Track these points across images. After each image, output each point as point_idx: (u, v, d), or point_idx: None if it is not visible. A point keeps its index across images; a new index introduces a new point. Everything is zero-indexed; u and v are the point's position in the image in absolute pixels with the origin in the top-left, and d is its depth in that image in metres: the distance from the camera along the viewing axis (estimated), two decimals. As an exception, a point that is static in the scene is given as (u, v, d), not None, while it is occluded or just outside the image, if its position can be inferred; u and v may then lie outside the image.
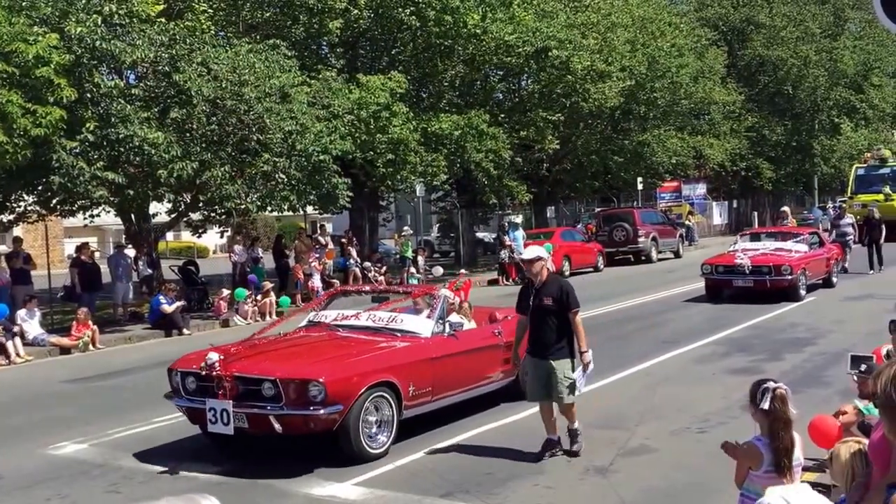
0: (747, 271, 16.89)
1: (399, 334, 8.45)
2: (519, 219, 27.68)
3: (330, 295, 10.44)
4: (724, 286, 17.51)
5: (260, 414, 7.23)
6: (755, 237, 19.89)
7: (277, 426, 7.20)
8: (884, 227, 22.28)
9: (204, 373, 7.44)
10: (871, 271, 21.41)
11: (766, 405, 4.27)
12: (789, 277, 16.57)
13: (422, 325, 8.59)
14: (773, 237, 19.27)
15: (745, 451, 4.39)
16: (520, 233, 25.44)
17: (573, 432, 7.58)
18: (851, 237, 22.14)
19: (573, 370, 7.39)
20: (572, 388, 7.38)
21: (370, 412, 7.52)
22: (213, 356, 7.44)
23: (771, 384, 4.36)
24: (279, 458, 7.75)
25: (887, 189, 31.98)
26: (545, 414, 7.51)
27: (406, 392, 7.77)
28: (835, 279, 18.99)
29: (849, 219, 22.84)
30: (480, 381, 8.94)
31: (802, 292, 16.95)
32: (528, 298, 7.52)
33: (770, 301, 16.33)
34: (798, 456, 4.36)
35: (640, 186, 37.30)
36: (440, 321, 8.59)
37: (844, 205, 26.25)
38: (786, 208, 27.27)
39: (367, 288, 11.37)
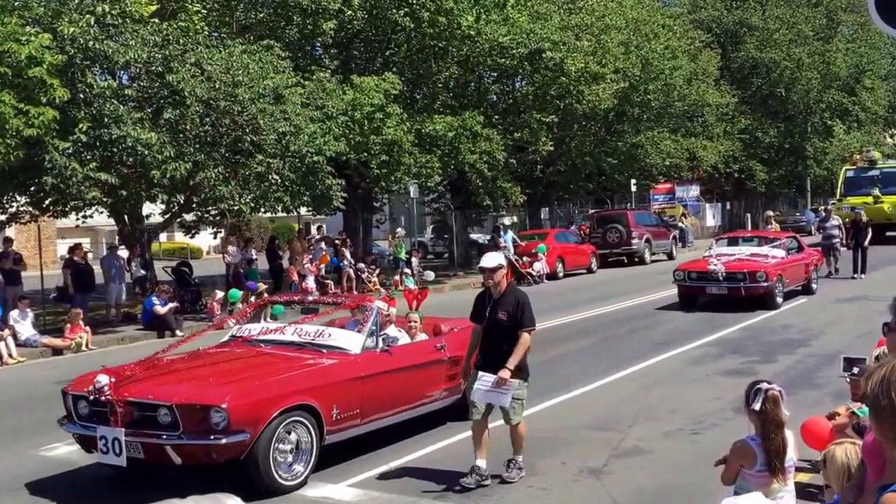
0: (721, 278, 16.19)
1: (325, 350, 7.67)
2: (508, 220, 27.69)
3: (258, 305, 9.59)
4: (697, 293, 16.85)
5: (155, 443, 6.53)
6: (732, 242, 19.22)
7: (175, 457, 6.52)
8: (870, 230, 21.93)
9: (92, 397, 6.74)
10: (856, 275, 21.01)
11: (757, 406, 4.30)
12: (765, 284, 15.91)
13: (351, 340, 7.82)
14: (750, 242, 18.68)
15: (738, 450, 4.41)
16: (509, 235, 25.46)
17: (513, 462, 6.93)
18: (838, 240, 21.69)
19: (518, 388, 6.74)
20: (520, 409, 6.86)
21: (284, 439, 6.74)
22: (103, 379, 6.75)
23: (764, 385, 4.38)
24: (272, 459, 7.72)
25: (876, 191, 31.63)
26: (477, 435, 6.84)
27: (328, 416, 7.01)
28: (814, 286, 18.36)
29: (835, 221, 22.37)
30: (419, 400, 8.14)
31: (779, 300, 16.28)
32: (484, 308, 6.97)
33: (745, 309, 15.75)
34: (791, 457, 4.38)
35: (633, 188, 37.37)
36: (372, 336, 7.86)
37: (831, 207, 25.89)
38: (770, 212, 26.94)
39: (297, 298, 10.56)
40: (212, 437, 6.41)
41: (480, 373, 6.78)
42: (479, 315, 7.04)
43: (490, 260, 7.01)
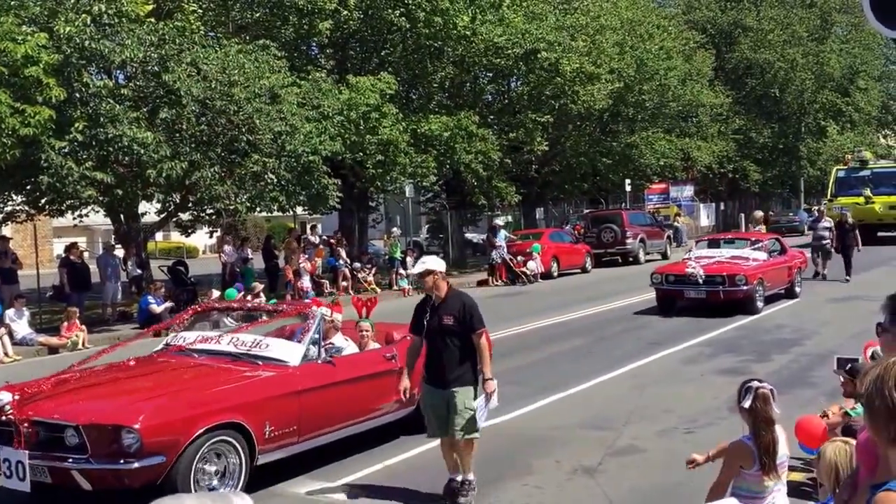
0: (700, 281, 15.66)
1: (261, 362, 7.10)
2: (502, 221, 27.73)
3: (196, 311, 8.82)
4: (675, 297, 16.33)
5: (61, 467, 5.94)
6: (713, 244, 18.68)
7: (84, 482, 5.92)
8: (857, 232, 21.43)
9: None
10: (848, 278, 20.51)
11: (747, 403, 4.35)
12: (744, 288, 15.35)
13: (290, 351, 7.21)
14: (731, 244, 18.14)
15: (736, 450, 4.44)
16: (502, 234, 25.53)
17: (465, 483, 6.42)
18: (828, 242, 21.15)
19: (475, 399, 6.35)
20: (472, 422, 6.30)
21: (208, 460, 6.20)
22: (4, 396, 6.17)
23: (755, 384, 4.43)
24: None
25: (868, 192, 31.41)
26: (446, 451, 6.53)
27: (260, 434, 6.47)
28: (798, 289, 17.87)
29: (826, 223, 21.84)
30: (367, 413, 7.65)
31: (759, 304, 15.80)
32: (424, 317, 6.49)
33: (724, 314, 15.28)
34: (784, 453, 4.42)
35: (628, 188, 37.48)
36: (314, 345, 7.31)
37: (823, 208, 25.21)
38: (759, 213, 26.45)
39: (236, 304, 9.63)
40: (122, 460, 5.83)
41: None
42: (420, 325, 6.52)
43: (419, 265, 6.57)
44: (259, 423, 6.49)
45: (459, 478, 6.45)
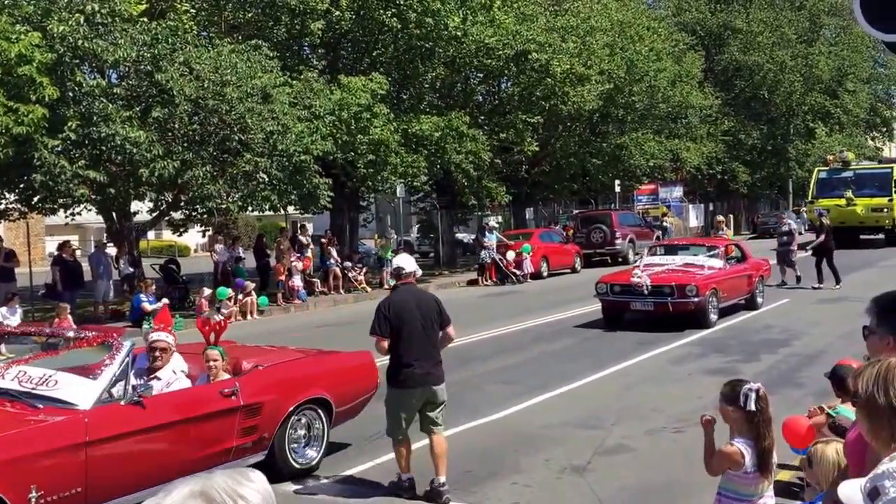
0: (646, 292, 14.38)
1: (43, 404, 5.61)
2: (494, 221, 27.85)
3: None
4: (622, 309, 15.00)
5: None
6: (669, 250, 17.27)
7: None
8: (823, 237, 20.06)
9: None
10: (819, 285, 19.43)
11: (752, 406, 4.30)
12: (695, 300, 14.04)
13: (81, 390, 5.73)
14: (687, 250, 16.71)
15: (728, 455, 4.37)
16: (494, 235, 25.64)
17: (442, 486, 6.55)
18: (790, 247, 20.21)
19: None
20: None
21: None
22: None
23: (753, 385, 4.41)
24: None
25: (849, 194, 30.72)
26: (407, 451, 6.73)
27: (21, 501, 5.10)
28: (760, 299, 16.63)
29: (787, 226, 21.00)
30: (192, 466, 5.72)
31: (713, 317, 14.50)
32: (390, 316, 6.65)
33: (675, 328, 14.04)
34: (775, 456, 4.45)
35: (617, 189, 37.66)
36: (118, 383, 5.84)
37: (784, 213, 24.01)
38: (721, 217, 24.88)
39: (33, 329, 8.38)
40: None
41: None
42: (385, 325, 6.69)
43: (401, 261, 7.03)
44: (21, 487, 5.05)
45: (442, 479, 6.56)
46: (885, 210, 30.45)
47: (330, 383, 7.49)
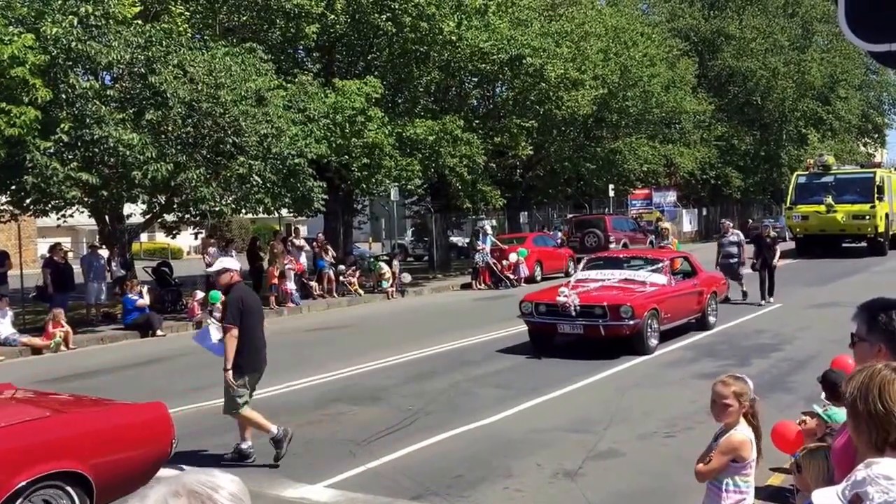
0: (574, 313, 12.50)
1: None
2: (489, 226, 27.87)
3: None
4: (549, 332, 13.15)
5: None
6: (609, 263, 15.23)
7: None
8: (778, 248, 18.44)
9: None
10: (763, 302, 17.81)
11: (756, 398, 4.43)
12: (630, 322, 12.19)
13: None
14: (629, 264, 14.87)
15: (743, 443, 4.39)
16: (489, 239, 25.68)
17: (251, 448, 7.73)
18: (736, 261, 18.44)
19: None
20: (232, 402, 7.59)
21: None
22: None
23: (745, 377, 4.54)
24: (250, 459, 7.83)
25: (829, 200, 29.02)
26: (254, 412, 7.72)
27: None
28: (712, 318, 14.92)
29: (733, 237, 19.02)
30: None
31: (652, 342, 12.69)
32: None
33: (609, 355, 12.30)
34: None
35: (611, 193, 37.75)
36: None
37: (728, 222, 21.22)
38: (666, 224, 22.36)
39: None
40: None
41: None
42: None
43: (217, 265, 7.85)
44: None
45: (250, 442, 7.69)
46: (867, 217, 28.84)
47: (89, 450, 5.68)
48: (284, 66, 22.26)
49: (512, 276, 24.90)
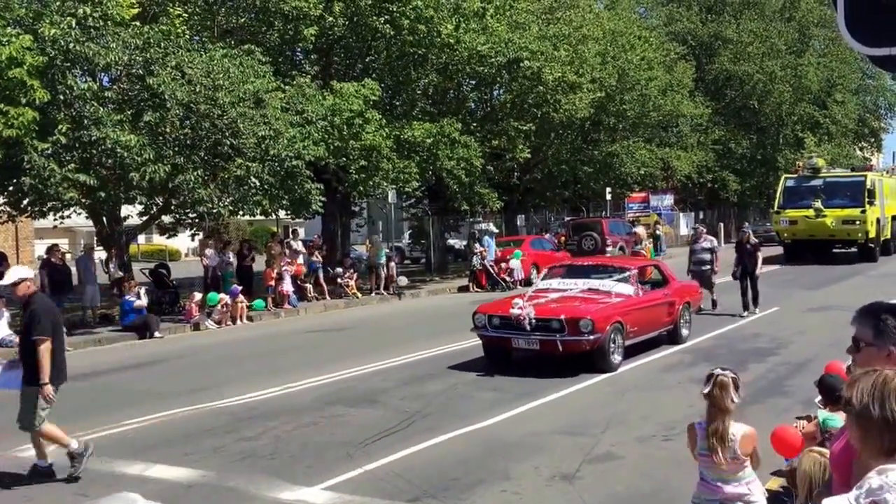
0: (529, 327, 11.46)
1: None
2: (491, 227, 27.90)
3: None
4: (504, 346, 12.08)
5: None
6: (573, 271, 14.06)
7: None
8: (760, 254, 17.12)
9: None
10: (745, 313, 16.65)
11: (706, 389, 4.51)
12: (590, 337, 11.18)
13: None
14: (595, 271, 13.74)
15: (688, 430, 4.64)
16: (488, 242, 25.71)
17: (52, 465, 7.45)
18: (709, 268, 17.26)
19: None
20: (31, 418, 7.27)
21: None
22: None
23: (717, 371, 4.60)
24: (248, 461, 7.82)
25: (818, 204, 27.97)
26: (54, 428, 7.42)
27: None
28: (685, 331, 13.90)
29: (707, 243, 17.77)
30: None
31: (616, 358, 11.69)
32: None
33: (569, 372, 11.32)
34: (735, 449, 4.50)
35: (608, 196, 37.78)
36: None
37: (701, 226, 19.71)
38: (639, 229, 20.50)
39: None
40: None
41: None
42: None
43: (11, 275, 7.45)
44: None
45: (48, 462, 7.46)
46: (858, 223, 27.82)
47: None
48: (282, 69, 22.26)
49: (508, 279, 24.91)
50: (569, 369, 11.48)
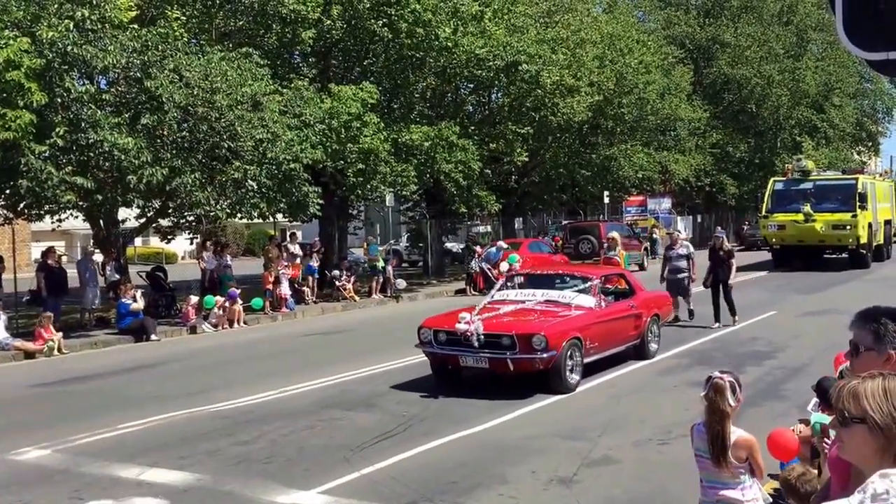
0: (477, 343, 10.45)
1: None
2: (502, 243, 27.80)
3: None
4: (452, 364, 11.05)
5: None
6: (533, 281, 13.10)
7: None
8: (734, 262, 16.31)
9: None
10: (717, 324, 15.79)
11: (702, 393, 4.51)
12: (543, 356, 10.18)
13: None
14: (557, 281, 12.86)
15: (691, 433, 4.64)
16: (498, 253, 25.57)
17: None
18: (685, 276, 16.35)
19: None
20: None
21: None
22: None
23: (715, 374, 4.60)
24: (244, 465, 7.81)
25: (808, 208, 27.09)
26: None
27: None
28: (653, 346, 12.95)
29: (683, 249, 16.73)
30: None
31: (573, 378, 10.70)
32: None
33: (522, 394, 10.39)
34: (729, 453, 4.49)
35: (606, 200, 37.86)
36: None
37: (676, 232, 19.11)
38: (614, 234, 19.57)
39: None
40: None
41: None
42: None
43: None
44: None
45: None
46: (848, 227, 26.88)
47: None
48: (280, 71, 22.24)
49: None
50: (516, 392, 10.45)
